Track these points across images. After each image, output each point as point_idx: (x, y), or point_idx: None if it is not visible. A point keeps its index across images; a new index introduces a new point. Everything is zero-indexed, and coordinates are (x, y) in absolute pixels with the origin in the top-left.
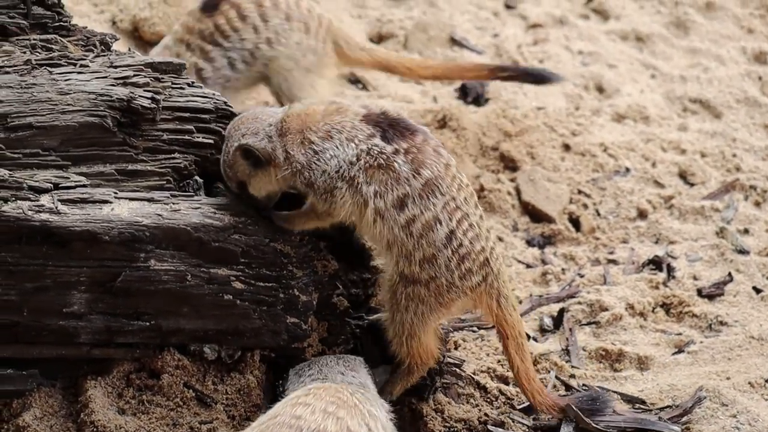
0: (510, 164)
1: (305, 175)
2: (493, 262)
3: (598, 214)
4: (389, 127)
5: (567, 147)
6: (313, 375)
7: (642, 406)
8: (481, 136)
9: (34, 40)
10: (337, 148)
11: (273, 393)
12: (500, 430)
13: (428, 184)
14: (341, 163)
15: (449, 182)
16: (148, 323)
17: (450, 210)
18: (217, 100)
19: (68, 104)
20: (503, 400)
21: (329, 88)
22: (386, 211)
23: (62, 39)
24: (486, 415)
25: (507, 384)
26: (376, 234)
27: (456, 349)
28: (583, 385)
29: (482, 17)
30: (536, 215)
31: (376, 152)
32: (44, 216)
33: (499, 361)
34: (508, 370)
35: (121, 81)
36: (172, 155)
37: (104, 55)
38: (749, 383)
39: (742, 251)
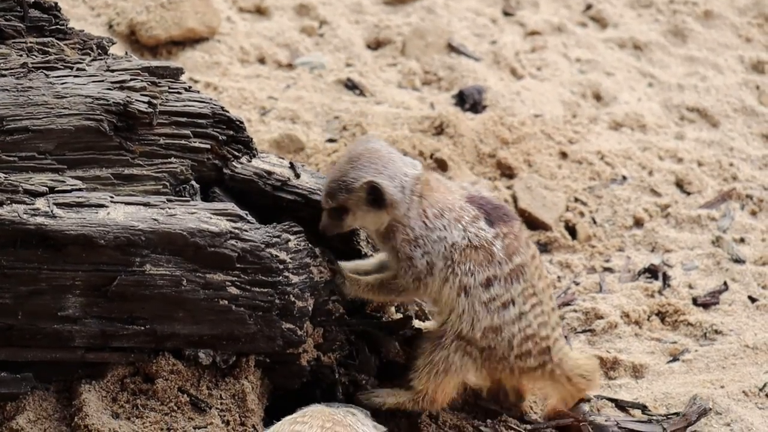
0: (507, 171)
1: (410, 248)
2: (555, 353)
3: (595, 222)
4: (492, 210)
5: (564, 155)
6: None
7: (646, 413)
8: (478, 144)
9: (31, 43)
10: (445, 228)
11: (269, 396)
12: None
13: (515, 269)
14: (445, 246)
15: (532, 270)
16: (143, 327)
17: (527, 295)
18: (214, 105)
19: (65, 108)
20: (497, 406)
21: None
22: (473, 288)
23: (59, 42)
24: (480, 421)
25: None
26: (456, 306)
27: None
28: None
29: (480, 24)
30: (532, 223)
31: (480, 234)
32: (40, 219)
33: None
34: None
35: (118, 85)
36: (169, 160)
37: (101, 59)
38: (743, 392)
39: (738, 260)
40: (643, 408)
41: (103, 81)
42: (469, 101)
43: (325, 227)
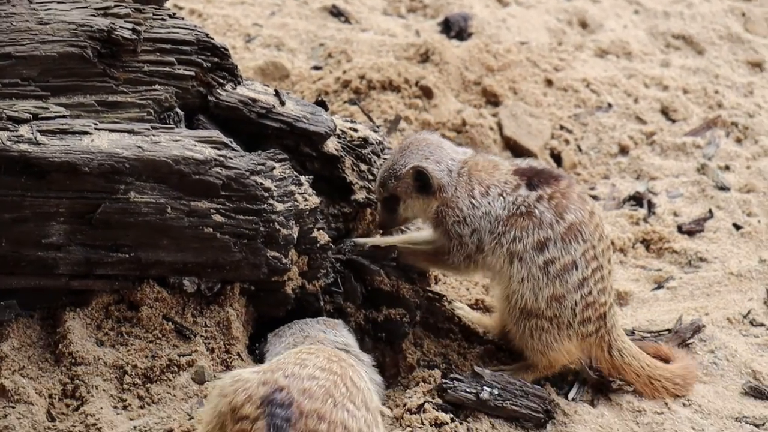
0: (492, 99)
1: (460, 228)
2: (609, 318)
3: (580, 150)
4: (535, 175)
5: (549, 82)
6: (294, 334)
7: (636, 333)
8: (464, 71)
9: None
10: (490, 204)
11: (254, 324)
12: (487, 371)
13: (571, 228)
14: (490, 221)
15: (592, 229)
16: (127, 255)
17: (588, 258)
18: (199, 32)
19: (48, 34)
20: (482, 333)
21: None
22: (525, 253)
23: None
24: (465, 348)
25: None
26: (513, 273)
27: (436, 283)
28: None
29: None
30: (518, 150)
31: (519, 201)
32: (23, 147)
33: (478, 299)
34: (489, 302)
35: (102, 11)
36: (153, 87)
37: None
38: (728, 319)
39: (723, 188)
40: (631, 332)
41: (86, 7)
42: (455, 28)
43: (383, 222)
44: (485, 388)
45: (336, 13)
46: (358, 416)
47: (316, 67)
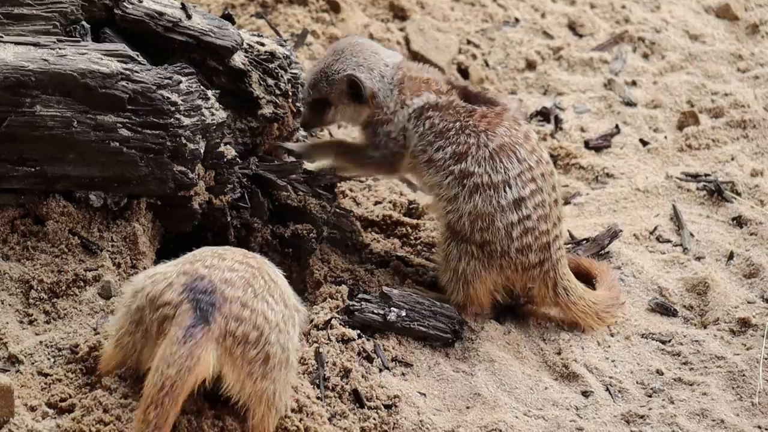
0: (399, 13)
1: (387, 126)
2: (554, 251)
3: (487, 65)
4: (471, 94)
5: None
6: None
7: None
8: None
9: None
10: (420, 98)
11: (161, 239)
12: (395, 291)
13: (503, 148)
14: (406, 117)
15: (528, 151)
16: (33, 169)
17: (525, 180)
18: None
19: None
20: (389, 247)
21: None
22: (442, 162)
23: None
24: (373, 264)
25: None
26: (432, 182)
27: (344, 198)
28: None
29: None
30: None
31: (450, 107)
32: None
33: (385, 215)
34: (397, 218)
35: None
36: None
37: None
38: (634, 235)
39: (630, 103)
40: None
41: None
42: None
43: (307, 122)
44: (393, 309)
45: None
46: (276, 310)
47: None
